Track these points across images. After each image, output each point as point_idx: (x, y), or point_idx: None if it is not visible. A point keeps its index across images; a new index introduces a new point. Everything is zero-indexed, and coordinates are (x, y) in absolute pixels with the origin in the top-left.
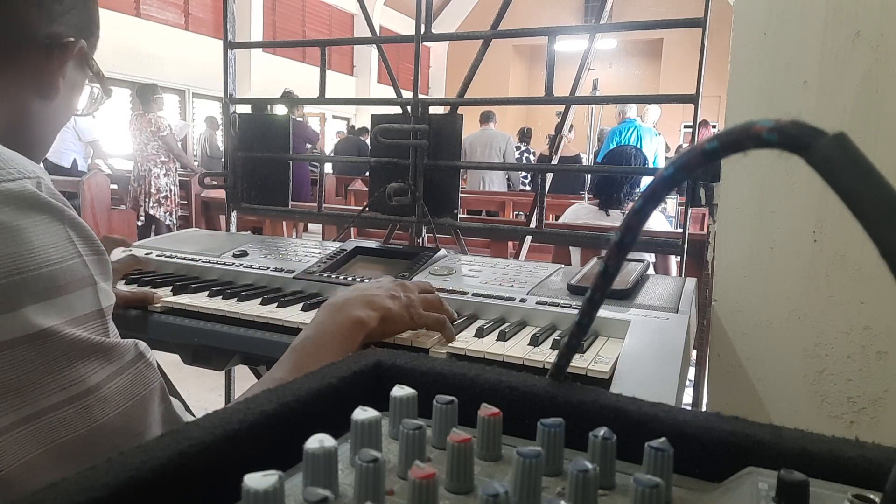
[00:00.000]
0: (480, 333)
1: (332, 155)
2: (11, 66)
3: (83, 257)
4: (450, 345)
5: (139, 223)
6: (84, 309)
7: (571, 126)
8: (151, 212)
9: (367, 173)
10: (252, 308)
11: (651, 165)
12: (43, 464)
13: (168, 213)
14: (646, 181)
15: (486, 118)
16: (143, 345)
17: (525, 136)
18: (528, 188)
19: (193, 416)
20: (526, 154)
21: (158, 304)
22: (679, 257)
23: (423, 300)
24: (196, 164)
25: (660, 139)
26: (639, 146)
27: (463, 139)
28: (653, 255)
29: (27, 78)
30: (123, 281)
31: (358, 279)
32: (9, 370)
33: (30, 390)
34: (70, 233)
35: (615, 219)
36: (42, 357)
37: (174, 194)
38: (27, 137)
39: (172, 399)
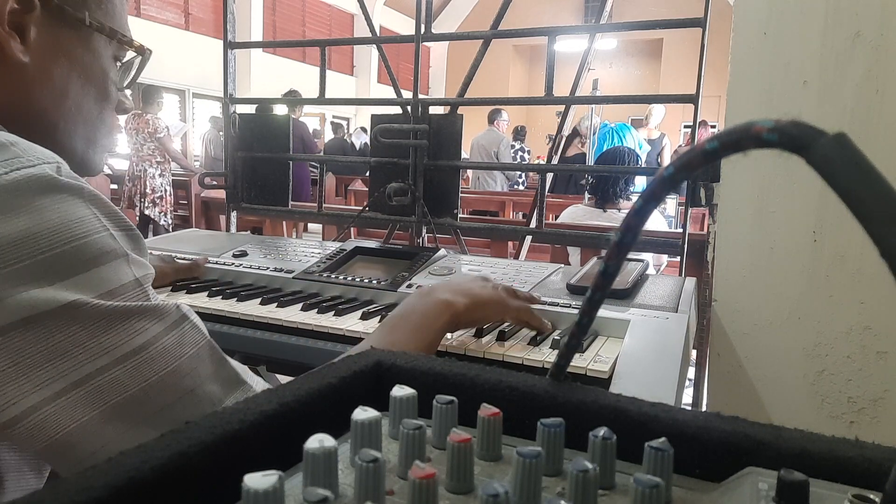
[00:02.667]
0: (480, 333)
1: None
2: None
3: (109, 231)
4: (449, 344)
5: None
6: (120, 280)
7: (575, 128)
8: (147, 212)
9: (367, 173)
10: (252, 308)
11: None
12: (99, 425)
13: (163, 214)
14: (640, 179)
15: (490, 119)
16: (185, 306)
17: (519, 134)
18: (521, 187)
19: (262, 377)
20: (521, 153)
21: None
22: (674, 257)
23: (509, 290)
24: (198, 164)
25: (633, 132)
26: (622, 143)
27: (471, 139)
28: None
29: None
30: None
31: (358, 279)
32: (46, 340)
33: (74, 356)
34: (92, 209)
35: (612, 218)
36: (80, 324)
37: (169, 194)
38: (28, 122)
39: (234, 361)
